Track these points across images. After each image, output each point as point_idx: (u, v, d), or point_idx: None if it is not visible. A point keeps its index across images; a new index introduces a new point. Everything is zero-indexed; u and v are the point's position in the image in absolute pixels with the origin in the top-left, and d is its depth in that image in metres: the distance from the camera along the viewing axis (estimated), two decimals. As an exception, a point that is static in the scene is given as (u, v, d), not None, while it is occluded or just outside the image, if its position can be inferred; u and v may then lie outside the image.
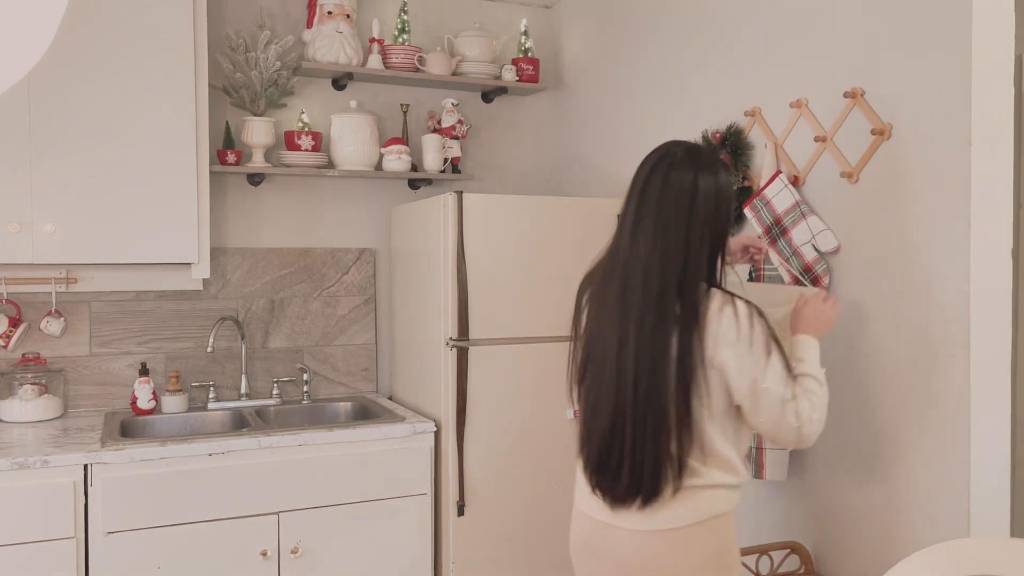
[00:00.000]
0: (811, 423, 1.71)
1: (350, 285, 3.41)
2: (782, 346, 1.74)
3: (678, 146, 1.79)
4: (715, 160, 1.77)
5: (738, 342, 1.67)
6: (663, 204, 1.70)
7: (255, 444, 2.60)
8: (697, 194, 1.70)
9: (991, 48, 1.91)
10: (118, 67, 2.71)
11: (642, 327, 1.67)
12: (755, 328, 1.68)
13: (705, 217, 1.70)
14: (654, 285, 1.68)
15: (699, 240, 1.69)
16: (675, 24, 2.93)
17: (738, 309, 1.69)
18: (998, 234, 1.94)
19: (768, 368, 1.68)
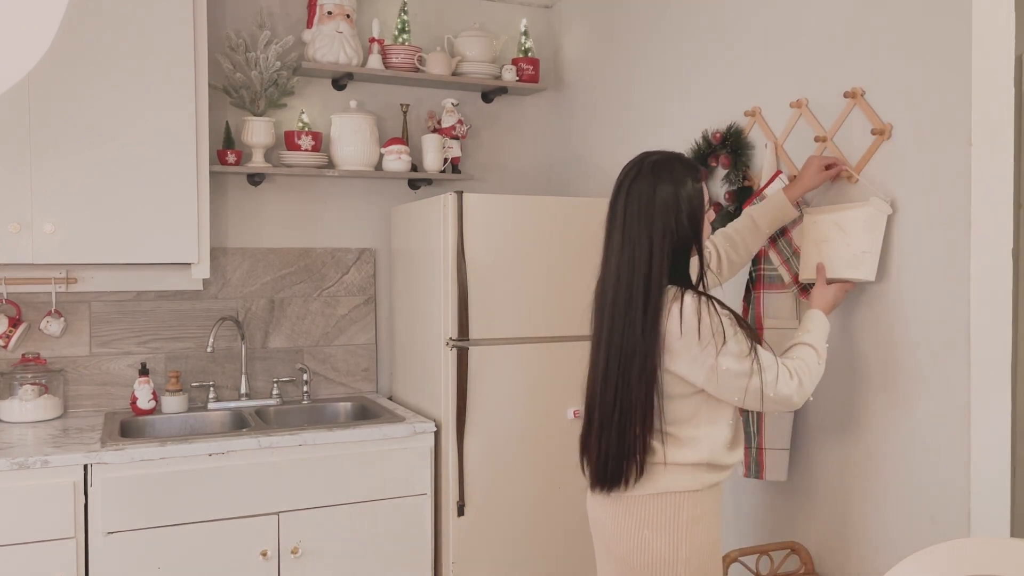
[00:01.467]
0: (786, 386, 1.84)
1: (350, 285, 3.41)
2: (745, 327, 1.86)
3: (649, 156, 1.92)
4: (679, 168, 1.89)
5: (683, 336, 1.79)
6: (627, 215, 1.87)
7: (255, 444, 2.60)
8: (654, 204, 1.84)
9: (991, 48, 1.91)
10: (118, 67, 2.71)
11: (612, 329, 1.86)
12: (702, 321, 1.78)
13: (665, 225, 1.83)
14: (623, 291, 1.84)
15: (660, 248, 1.83)
16: (675, 24, 2.93)
17: (684, 306, 1.80)
18: (998, 234, 1.94)
19: (722, 353, 1.79)
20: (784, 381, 1.84)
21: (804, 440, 2.40)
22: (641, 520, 1.88)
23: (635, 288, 1.83)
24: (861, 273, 2.11)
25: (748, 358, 1.81)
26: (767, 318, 2.42)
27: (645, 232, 1.83)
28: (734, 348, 1.80)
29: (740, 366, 1.80)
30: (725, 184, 2.62)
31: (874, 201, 2.09)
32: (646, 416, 1.83)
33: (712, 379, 1.82)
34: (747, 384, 1.81)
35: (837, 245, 2.14)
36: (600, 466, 1.88)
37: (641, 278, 1.82)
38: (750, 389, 1.81)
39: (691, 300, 1.81)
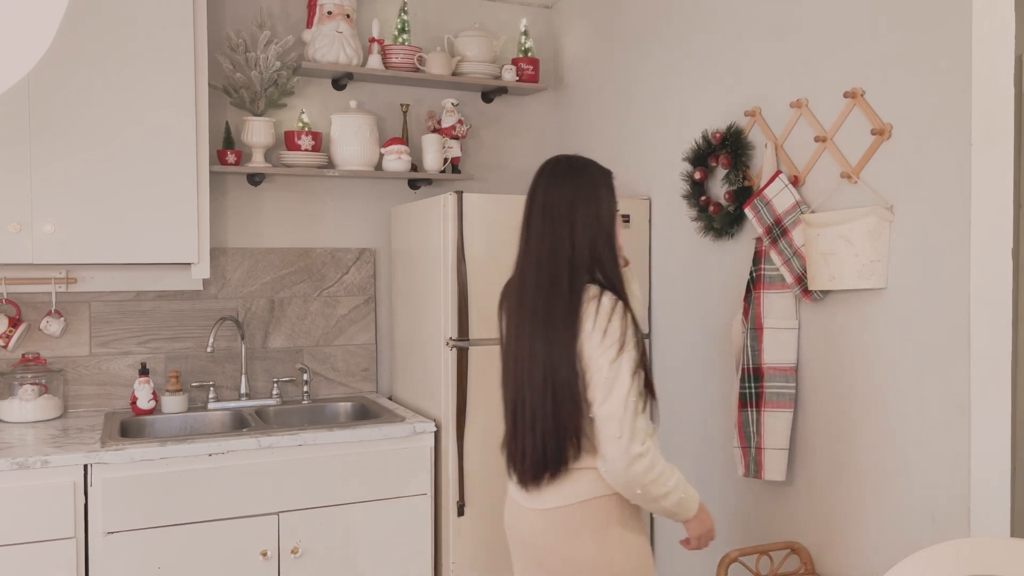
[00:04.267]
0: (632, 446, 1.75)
1: (350, 285, 3.41)
2: (643, 349, 1.83)
3: (562, 159, 1.96)
4: (595, 171, 1.93)
5: (593, 332, 1.78)
6: (547, 213, 1.88)
7: (255, 444, 2.60)
8: (575, 202, 1.86)
9: (991, 48, 1.91)
10: (118, 67, 2.71)
11: (532, 328, 1.84)
12: (612, 322, 1.78)
13: (585, 222, 1.85)
14: (544, 287, 1.84)
15: (581, 244, 1.84)
16: (675, 24, 2.93)
17: (602, 303, 1.80)
18: (998, 234, 1.94)
19: (618, 360, 1.76)
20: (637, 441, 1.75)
21: (804, 440, 2.40)
22: (571, 530, 1.84)
23: (559, 288, 1.82)
24: (873, 282, 2.12)
25: (633, 387, 1.77)
26: (767, 318, 2.42)
27: (567, 228, 1.84)
28: (626, 365, 1.77)
29: (623, 384, 1.76)
30: (725, 184, 2.62)
31: (877, 210, 2.10)
32: (576, 401, 1.79)
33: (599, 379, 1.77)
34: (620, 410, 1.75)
35: (845, 256, 2.14)
36: (537, 456, 1.83)
37: (566, 272, 1.82)
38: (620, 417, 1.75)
39: (609, 300, 1.80)
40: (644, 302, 2.24)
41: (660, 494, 1.80)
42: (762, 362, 2.42)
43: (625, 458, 1.74)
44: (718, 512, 2.75)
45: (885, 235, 2.11)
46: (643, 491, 1.78)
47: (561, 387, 1.80)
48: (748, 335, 2.45)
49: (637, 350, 1.80)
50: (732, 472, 2.67)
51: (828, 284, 2.20)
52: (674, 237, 2.95)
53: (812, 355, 2.37)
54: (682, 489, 1.84)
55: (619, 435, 1.75)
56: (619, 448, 1.75)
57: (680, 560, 2.99)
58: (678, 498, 1.83)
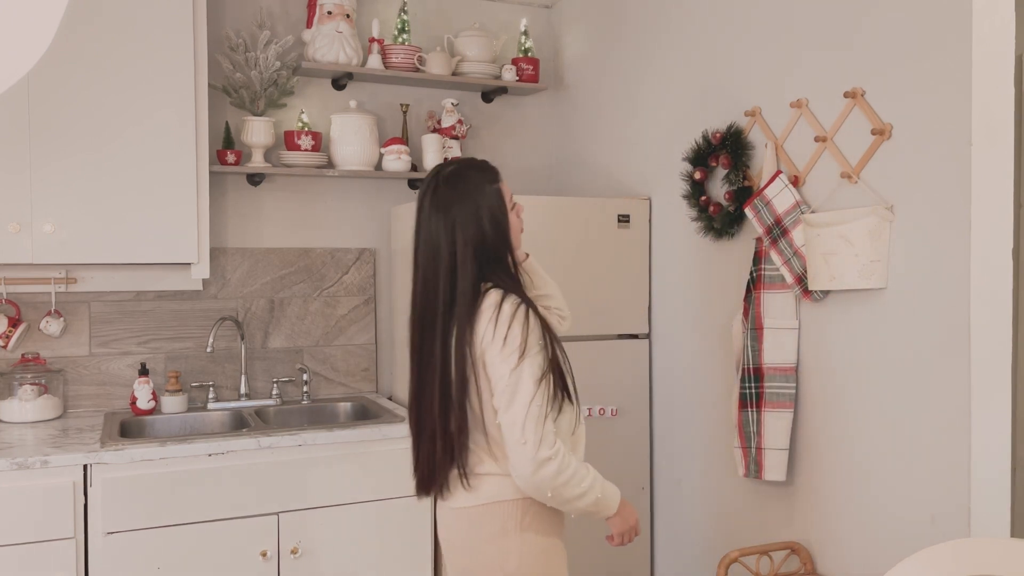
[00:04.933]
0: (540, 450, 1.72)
1: (350, 285, 3.41)
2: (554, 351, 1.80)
3: (444, 168, 1.91)
4: (474, 174, 1.88)
5: (494, 339, 1.76)
6: (430, 229, 1.84)
7: (255, 444, 2.60)
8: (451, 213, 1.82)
9: (991, 48, 1.91)
10: (118, 67, 2.71)
11: (423, 342, 1.85)
12: (512, 328, 1.74)
13: (466, 234, 1.81)
14: (431, 301, 1.83)
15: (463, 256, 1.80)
16: (675, 24, 2.93)
17: (502, 310, 1.76)
18: (998, 234, 1.94)
19: (519, 367, 1.74)
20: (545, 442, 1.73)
21: (804, 440, 2.40)
22: (476, 531, 1.86)
23: (440, 303, 1.81)
24: (873, 282, 2.12)
25: (537, 392, 1.74)
26: (767, 318, 2.42)
27: (447, 243, 1.81)
28: (527, 371, 1.74)
29: (525, 390, 1.73)
30: (725, 184, 2.62)
31: (877, 211, 2.10)
32: (463, 421, 1.80)
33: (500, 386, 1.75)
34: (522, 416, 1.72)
35: (845, 256, 2.14)
36: (426, 473, 1.87)
37: (448, 286, 1.80)
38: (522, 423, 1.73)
39: (510, 306, 1.76)
40: None
41: (573, 496, 1.78)
42: (762, 362, 2.42)
43: (531, 464, 1.73)
44: (718, 512, 2.75)
45: (885, 235, 2.11)
46: (554, 494, 1.77)
47: (450, 397, 1.79)
48: (748, 335, 2.45)
49: (544, 354, 1.77)
50: (732, 472, 2.67)
51: (828, 284, 2.20)
52: (674, 237, 2.95)
53: (812, 355, 2.37)
54: (598, 489, 1.82)
55: (523, 441, 1.73)
56: (524, 454, 1.73)
57: (680, 560, 2.99)
58: (594, 498, 1.82)
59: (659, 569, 3.10)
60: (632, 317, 3.09)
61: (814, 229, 2.22)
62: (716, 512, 2.76)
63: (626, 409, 3.06)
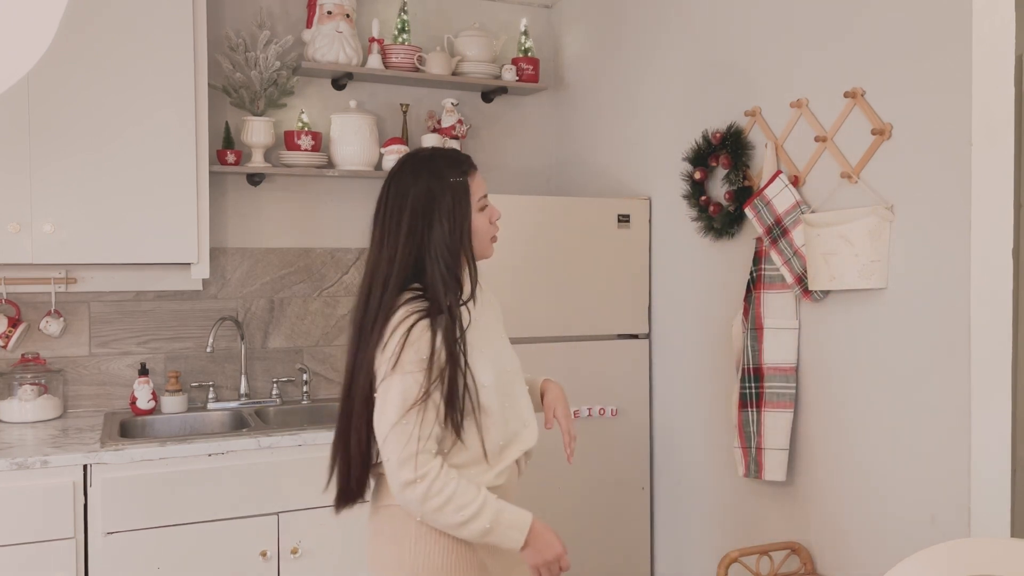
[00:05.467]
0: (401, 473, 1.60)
1: (350, 285, 3.41)
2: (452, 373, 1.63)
3: (416, 153, 1.80)
4: (439, 162, 1.74)
5: (379, 350, 1.65)
6: (385, 215, 1.73)
7: (255, 444, 2.60)
8: (406, 202, 1.70)
9: (991, 48, 1.91)
10: (118, 67, 2.71)
11: (353, 336, 1.72)
12: (392, 338, 1.62)
13: (411, 225, 1.69)
14: (364, 296, 1.71)
15: (405, 251, 1.68)
16: (675, 24, 2.92)
17: (392, 319, 1.65)
18: (998, 234, 1.94)
19: (383, 382, 1.62)
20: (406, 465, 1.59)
21: (804, 440, 2.40)
22: (378, 531, 1.79)
23: (373, 293, 1.68)
24: (873, 282, 2.12)
25: (402, 408, 1.60)
26: (767, 318, 2.42)
27: (393, 236, 1.69)
28: (395, 387, 1.60)
29: (388, 407, 1.61)
30: (725, 184, 2.62)
31: (877, 211, 2.10)
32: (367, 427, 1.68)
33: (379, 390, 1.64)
34: (385, 433, 1.61)
35: (845, 256, 2.14)
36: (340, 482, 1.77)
37: (381, 282, 1.68)
38: (385, 440, 1.62)
39: (401, 311, 1.64)
40: (521, 309, 2.03)
41: (451, 523, 1.62)
42: (762, 362, 2.42)
43: (395, 483, 1.62)
44: (718, 512, 2.75)
45: (885, 235, 2.11)
46: (424, 519, 1.64)
47: (354, 408, 1.70)
48: (748, 335, 2.45)
49: (426, 375, 1.60)
50: (732, 472, 2.67)
51: (828, 284, 2.20)
52: (674, 237, 2.95)
53: (812, 355, 2.37)
54: (487, 519, 1.62)
55: (387, 458, 1.62)
56: (389, 471, 1.62)
57: (680, 560, 2.99)
58: (481, 529, 1.62)
59: (659, 569, 3.10)
60: (632, 317, 3.09)
61: (814, 229, 2.22)
62: (716, 512, 2.76)
63: (626, 409, 3.06)
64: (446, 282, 1.68)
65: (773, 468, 2.41)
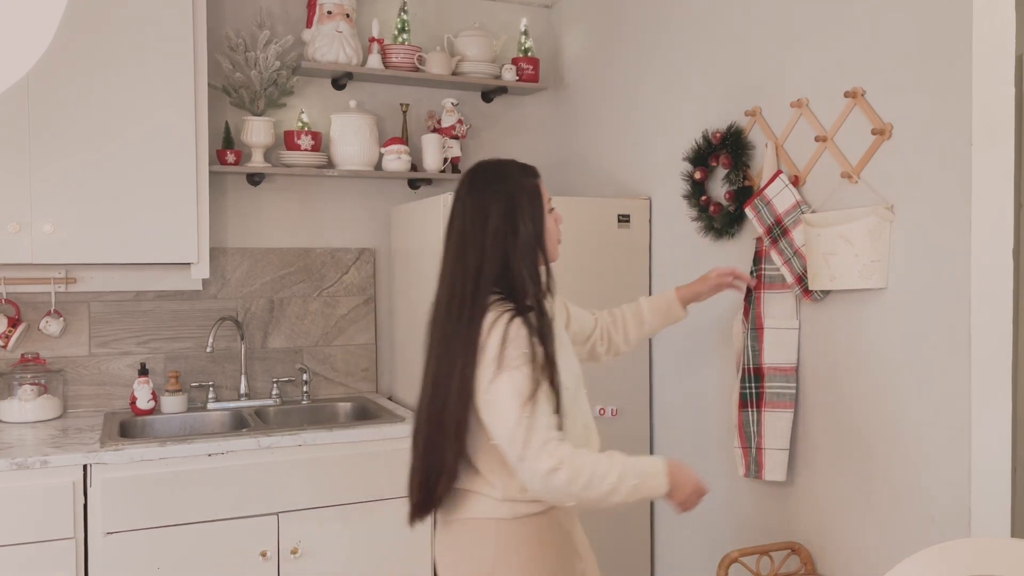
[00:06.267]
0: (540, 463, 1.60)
1: (350, 285, 3.41)
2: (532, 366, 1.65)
3: (482, 164, 1.86)
4: (511, 170, 1.83)
5: (479, 351, 1.68)
6: (462, 225, 1.77)
7: (255, 444, 2.60)
8: (487, 210, 1.76)
9: (991, 48, 1.91)
10: (117, 67, 2.71)
11: (439, 345, 1.75)
12: (491, 338, 1.66)
13: (497, 235, 1.73)
14: (453, 304, 1.73)
15: (492, 256, 1.73)
16: (675, 24, 2.92)
17: (486, 320, 1.68)
18: (998, 234, 1.94)
19: (494, 382, 1.64)
20: (542, 454, 1.61)
21: (804, 440, 2.40)
22: (454, 547, 1.79)
23: (463, 299, 1.71)
24: (873, 282, 2.12)
25: (519, 402, 1.62)
26: (768, 318, 2.42)
27: (478, 240, 1.73)
28: (506, 386, 1.63)
29: (505, 405, 1.63)
30: (725, 184, 2.62)
31: (877, 211, 2.10)
32: (459, 438, 1.69)
33: (482, 404, 1.67)
34: (511, 430, 1.62)
35: (845, 256, 2.14)
36: (413, 488, 1.77)
37: (470, 288, 1.71)
38: (512, 439, 1.62)
39: (492, 314, 1.68)
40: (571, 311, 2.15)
41: (601, 495, 1.63)
42: (762, 362, 2.42)
43: (537, 478, 1.62)
44: (718, 512, 2.75)
45: (885, 235, 2.11)
46: (579, 501, 1.64)
47: (441, 420, 1.70)
48: (748, 335, 2.45)
49: (531, 365, 1.64)
50: (732, 472, 2.67)
51: (829, 284, 2.20)
52: (674, 237, 2.95)
53: (812, 355, 2.37)
54: (631, 477, 1.64)
55: (520, 457, 1.61)
56: (527, 471, 1.62)
57: (680, 560, 2.99)
58: (629, 487, 1.64)
59: (659, 569, 3.10)
60: (632, 317, 3.08)
61: (814, 229, 2.22)
62: (716, 512, 2.76)
63: (626, 409, 3.06)
64: (534, 281, 1.74)
65: (773, 468, 2.40)
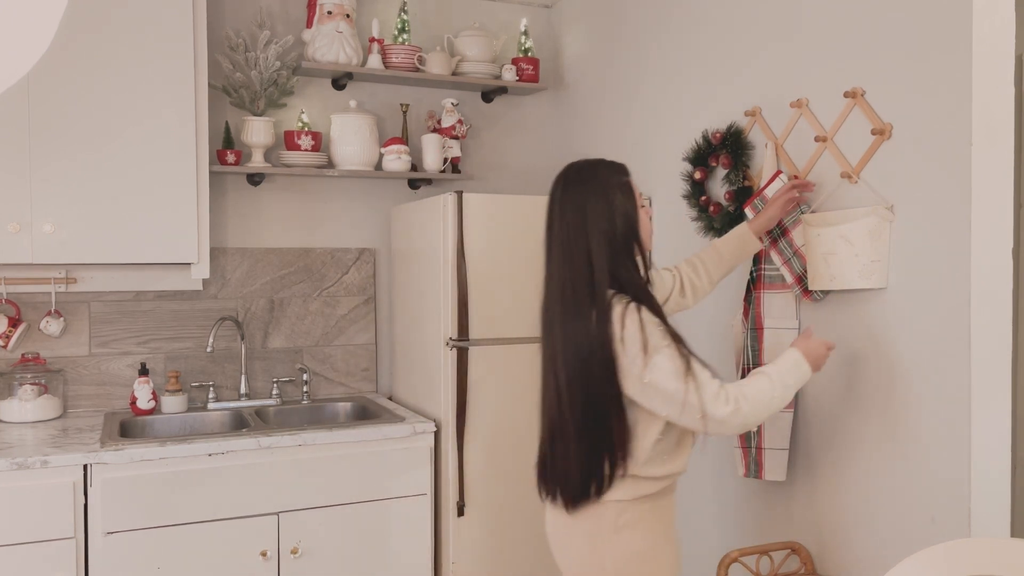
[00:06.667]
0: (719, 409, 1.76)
1: (350, 285, 3.41)
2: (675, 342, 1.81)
3: (573, 165, 1.95)
4: (603, 169, 1.92)
5: (618, 342, 1.78)
6: (563, 227, 1.88)
7: (255, 444, 2.60)
8: (586, 210, 1.86)
9: (991, 48, 1.91)
10: (118, 67, 2.71)
11: (565, 341, 1.85)
12: (627, 328, 1.77)
13: (599, 228, 1.84)
14: (570, 303, 1.84)
15: (599, 253, 1.83)
16: (675, 24, 2.92)
17: (615, 313, 1.79)
18: (998, 234, 1.94)
19: (649, 365, 1.76)
20: (718, 403, 1.78)
21: (804, 440, 2.40)
22: (573, 528, 1.89)
23: (581, 297, 1.82)
24: (873, 282, 2.12)
25: (680, 374, 1.77)
26: (767, 318, 2.42)
27: (582, 239, 1.84)
28: (663, 362, 1.77)
29: (670, 382, 1.77)
30: (725, 184, 2.62)
31: (877, 211, 2.10)
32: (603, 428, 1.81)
33: (639, 390, 1.80)
34: (682, 400, 1.77)
35: (845, 257, 2.14)
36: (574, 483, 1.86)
37: (585, 286, 1.83)
38: (685, 405, 1.77)
39: (619, 306, 1.80)
40: None
41: (775, 408, 1.84)
42: (762, 362, 2.42)
43: (724, 426, 1.78)
44: (718, 512, 2.75)
45: (885, 235, 2.11)
46: (759, 422, 1.85)
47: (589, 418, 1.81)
48: (748, 335, 2.45)
49: (672, 342, 1.79)
50: (732, 472, 2.67)
51: (828, 284, 2.20)
52: (674, 237, 2.95)
53: (812, 355, 2.37)
54: (786, 378, 1.85)
55: (703, 416, 1.76)
56: (713, 425, 1.77)
57: (680, 560, 2.99)
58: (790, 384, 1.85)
59: (659, 569, 3.10)
60: (632, 317, 3.08)
61: (814, 229, 2.22)
62: (716, 512, 2.76)
63: (626, 409, 3.06)
64: (638, 270, 1.87)
65: (773, 468, 2.40)
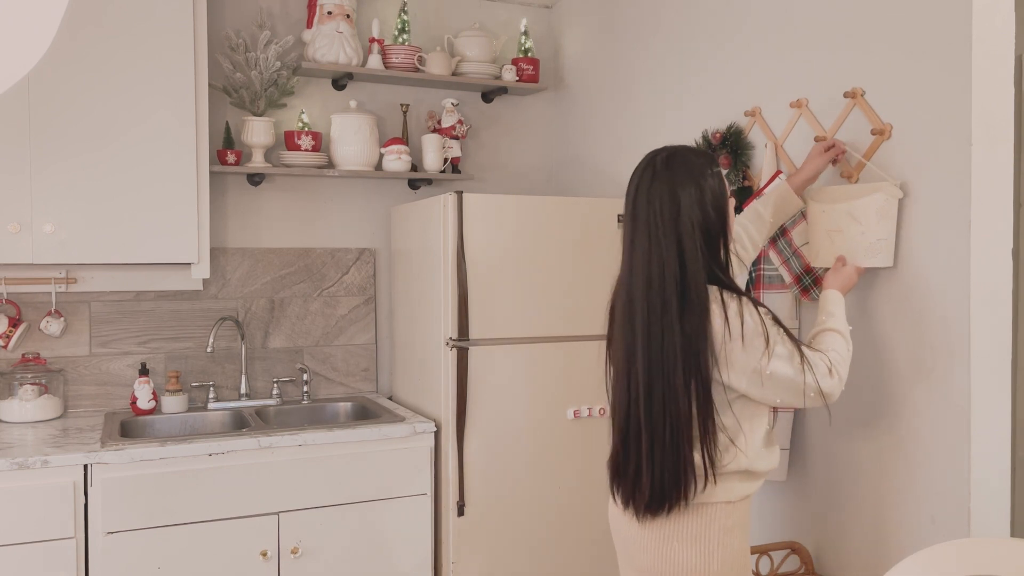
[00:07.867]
0: (829, 383, 1.80)
1: (350, 285, 3.41)
2: (781, 327, 1.79)
3: (659, 153, 1.83)
4: (694, 159, 1.81)
5: (730, 341, 1.72)
6: (650, 217, 1.77)
7: (255, 444, 2.60)
8: (678, 201, 1.75)
9: (991, 48, 1.91)
10: (118, 67, 2.71)
11: (649, 338, 1.74)
12: (746, 323, 1.72)
13: (693, 221, 1.75)
14: (656, 298, 1.74)
15: (692, 246, 1.74)
16: (675, 24, 2.93)
17: (727, 307, 1.73)
18: (998, 234, 1.94)
19: (770, 356, 1.73)
20: (828, 379, 1.80)
21: (804, 440, 2.40)
22: (669, 532, 1.78)
23: (668, 292, 1.72)
24: (880, 261, 2.10)
25: (796, 359, 1.76)
26: (767, 318, 2.42)
27: (672, 232, 1.73)
28: (782, 350, 1.74)
29: (790, 368, 1.75)
30: (725, 184, 2.62)
31: (885, 187, 2.07)
32: (700, 427, 1.73)
33: (756, 383, 1.74)
34: (802, 385, 1.76)
35: (852, 234, 2.12)
36: (655, 488, 1.75)
37: (674, 281, 1.72)
38: (806, 389, 1.77)
39: (733, 301, 1.73)
40: None
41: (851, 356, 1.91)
42: (762, 362, 2.41)
43: (835, 396, 1.81)
44: (718, 512, 2.75)
45: (893, 214, 2.08)
46: None
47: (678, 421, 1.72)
48: (748, 335, 2.44)
49: (775, 328, 1.76)
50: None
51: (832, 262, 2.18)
52: (674, 237, 2.95)
53: (812, 355, 2.37)
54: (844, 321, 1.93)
55: (817, 393, 1.78)
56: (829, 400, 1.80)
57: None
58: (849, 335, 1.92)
59: (659, 569, 3.10)
60: (632, 317, 3.08)
61: (819, 205, 2.19)
62: (716, 512, 2.76)
63: (626, 409, 3.06)
64: (728, 262, 1.82)
65: (773, 468, 2.40)
